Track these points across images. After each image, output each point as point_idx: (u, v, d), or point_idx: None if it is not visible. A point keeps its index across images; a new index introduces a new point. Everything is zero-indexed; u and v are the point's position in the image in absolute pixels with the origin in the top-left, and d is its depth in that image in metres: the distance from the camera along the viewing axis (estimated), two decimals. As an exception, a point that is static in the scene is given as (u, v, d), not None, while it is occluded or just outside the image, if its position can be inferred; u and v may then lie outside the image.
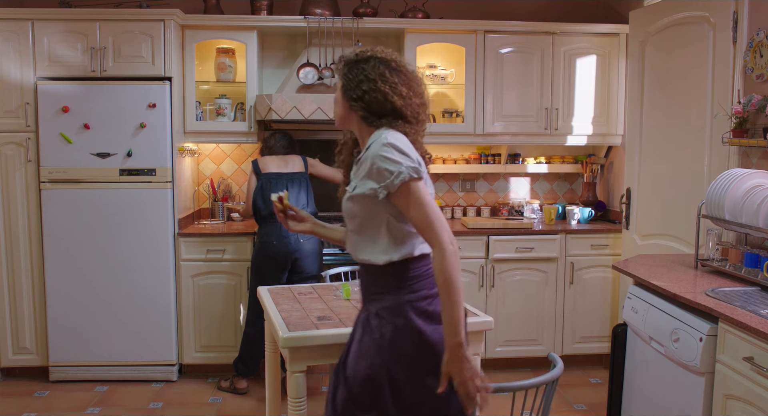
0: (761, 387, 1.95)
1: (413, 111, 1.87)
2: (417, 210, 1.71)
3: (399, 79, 1.86)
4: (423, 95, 1.92)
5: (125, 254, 3.78)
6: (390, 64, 1.89)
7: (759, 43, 2.84)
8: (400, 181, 1.71)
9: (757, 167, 2.85)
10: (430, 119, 1.97)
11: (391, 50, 1.96)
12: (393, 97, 1.84)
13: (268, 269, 3.57)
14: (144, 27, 3.74)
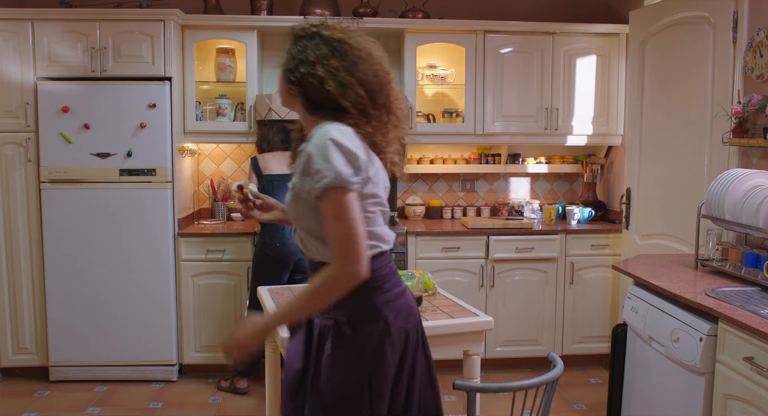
0: (761, 387, 1.95)
1: (355, 102, 1.61)
2: (331, 223, 1.53)
3: (343, 64, 1.61)
4: (374, 83, 1.64)
5: (125, 254, 3.78)
6: (335, 43, 1.62)
7: (759, 43, 2.84)
8: (323, 185, 1.50)
9: (757, 167, 2.85)
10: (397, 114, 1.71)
11: (347, 25, 1.69)
12: (329, 83, 1.59)
13: (269, 269, 3.57)
14: (144, 27, 3.74)
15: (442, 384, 4.11)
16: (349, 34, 1.65)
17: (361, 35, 1.68)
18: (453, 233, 3.98)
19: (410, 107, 4.09)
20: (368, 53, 1.65)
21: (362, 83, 1.62)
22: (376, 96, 1.64)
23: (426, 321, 2.35)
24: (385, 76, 1.67)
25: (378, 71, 1.65)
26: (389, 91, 1.68)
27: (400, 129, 1.74)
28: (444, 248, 3.97)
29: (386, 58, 1.70)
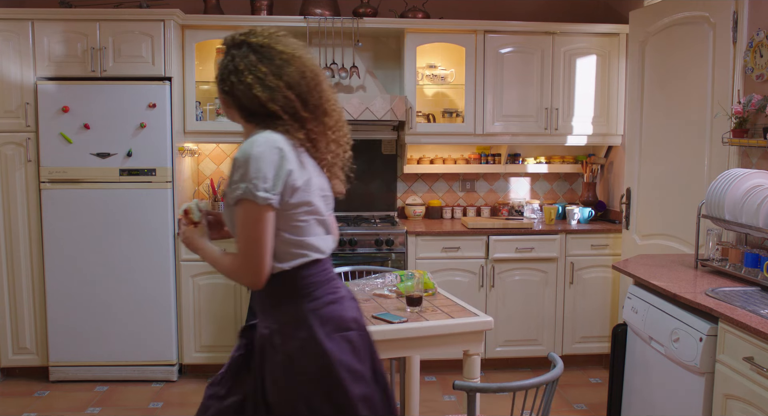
0: (761, 387, 1.95)
1: (285, 106, 1.63)
2: (239, 232, 1.61)
3: (270, 68, 1.64)
4: (303, 85, 1.66)
5: (125, 254, 3.78)
6: (261, 49, 1.65)
7: (759, 43, 2.84)
8: (236, 196, 1.57)
9: (757, 167, 2.85)
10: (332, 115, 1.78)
11: (274, 31, 1.72)
12: (257, 89, 1.62)
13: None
14: (144, 27, 3.74)
15: (443, 383, 4.13)
16: (276, 39, 1.68)
17: (287, 37, 1.71)
18: (453, 233, 3.98)
19: (410, 107, 4.09)
20: (295, 56, 1.68)
21: (291, 86, 1.65)
22: (306, 97, 1.67)
23: (426, 321, 2.36)
24: (314, 78, 1.69)
25: (306, 72, 1.68)
26: (321, 92, 1.71)
27: (339, 131, 1.79)
28: (444, 248, 3.97)
29: (315, 60, 1.75)
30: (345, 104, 3.89)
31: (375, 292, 2.71)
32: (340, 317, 1.68)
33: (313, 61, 1.74)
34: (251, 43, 1.67)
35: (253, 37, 1.68)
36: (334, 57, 4.05)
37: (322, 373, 1.64)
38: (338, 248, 3.87)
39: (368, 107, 3.91)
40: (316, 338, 1.63)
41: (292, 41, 1.72)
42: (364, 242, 3.91)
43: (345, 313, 1.70)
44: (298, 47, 1.72)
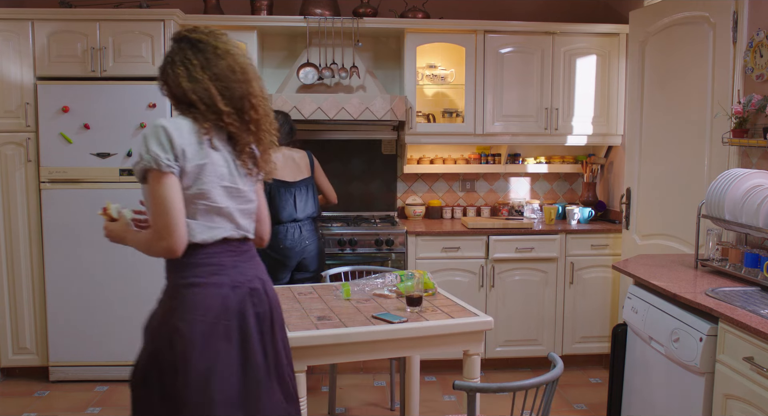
0: (761, 387, 1.95)
1: (203, 97, 1.76)
2: (150, 202, 1.75)
3: (200, 61, 1.78)
4: (229, 79, 1.78)
5: (125, 254, 3.77)
6: (198, 44, 1.80)
7: (759, 43, 2.84)
8: (140, 168, 1.72)
9: (757, 167, 2.85)
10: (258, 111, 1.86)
11: (216, 30, 1.85)
12: (183, 79, 1.77)
13: (274, 271, 3.57)
14: (144, 27, 3.74)
15: (443, 383, 4.13)
16: (214, 36, 1.83)
17: (224, 35, 1.86)
18: (453, 233, 3.98)
19: (410, 107, 4.09)
20: (228, 52, 1.81)
21: (216, 79, 1.78)
22: (228, 92, 1.79)
23: (426, 321, 2.36)
24: (242, 74, 1.81)
25: (235, 68, 1.80)
26: (247, 88, 1.82)
27: (262, 127, 1.88)
28: (444, 248, 3.97)
29: (249, 61, 1.86)
30: (345, 104, 3.89)
31: (375, 292, 2.71)
32: (193, 298, 1.79)
33: (246, 60, 1.85)
34: (190, 38, 1.82)
35: (193, 34, 1.82)
36: (334, 57, 4.05)
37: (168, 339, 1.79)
38: (338, 248, 3.88)
39: (368, 107, 3.91)
40: (174, 313, 1.78)
41: (230, 41, 1.86)
42: (364, 242, 3.91)
43: (206, 300, 1.79)
44: (232, 46, 1.84)
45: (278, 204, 3.53)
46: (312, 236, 3.59)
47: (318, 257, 3.64)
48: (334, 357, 2.31)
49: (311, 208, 3.62)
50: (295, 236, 3.53)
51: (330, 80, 4.04)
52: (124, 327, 3.81)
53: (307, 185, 3.62)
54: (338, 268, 3.33)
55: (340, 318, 2.39)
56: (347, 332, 2.25)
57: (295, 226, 3.55)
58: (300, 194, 3.58)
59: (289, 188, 3.56)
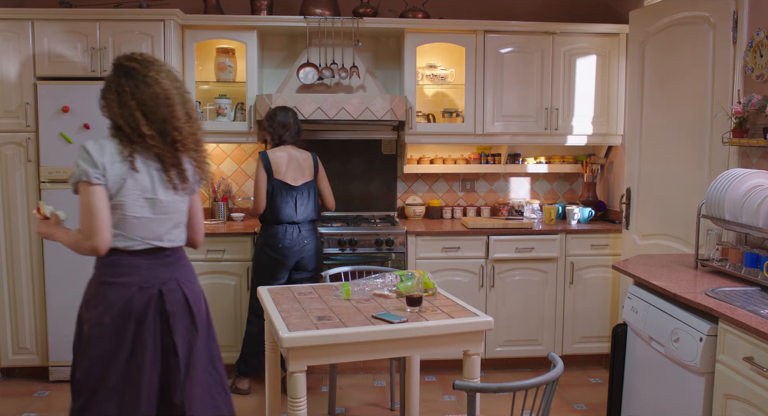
0: (761, 387, 1.95)
1: (129, 121, 2.03)
2: (80, 209, 2.01)
3: (130, 88, 2.05)
4: (152, 105, 2.04)
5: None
6: (131, 72, 2.07)
7: (759, 43, 2.84)
8: (72, 181, 2.02)
9: (757, 167, 2.85)
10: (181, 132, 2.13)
11: (151, 58, 2.13)
12: (114, 105, 2.05)
13: (273, 270, 3.57)
14: (144, 27, 3.74)
15: (443, 383, 4.13)
16: (146, 64, 2.10)
17: (157, 63, 2.12)
18: (453, 233, 3.98)
19: (410, 107, 4.09)
20: (155, 80, 2.06)
21: (142, 104, 2.04)
22: (153, 116, 2.05)
23: (426, 321, 2.36)
24: (166, 100, 2.06)
25: (159, 95, 2.05)
26: (171, 113, 2.08)
27: (187, 147, 2.14)
28: (444, 248, 3.97)
29: (176, 87, 2.12)
30: (345, 104, 3.89)
31: (375, 292, 2.71)
32: (101, 295, 2.09)
33: (173, 87, 2.10)
34: (124, 65, 2.10)
35: (128, 62, 2.11)
36: (334, 57, 4.05)
37: (81, 326, 2.12)
38: (338, 247, 3.88)
39: (368, 107, 3.91)
40: (86, 306, 2.11)
41: (164, 68, 2.12)
42: (364, 242, 3.91)
43: (111, 297, 2.07)
44: (165, 74, 2.10)
45: (278, 205, 3.53)
46: (310, 236, 3.60)
47: (316, 256, 3.64)
48: (334, 357, 2.31)
49: (311, 211, 3.63)
50: (293, 236, 3.53)
51: (330, 80, 4.04)
52: (124, 327, 3.80)
53: (309, 189, 3.62)
54: (338, 268, 3.33)
55: (340, 318, 2.39)
56: (347, 332, 2.25)
57: (293, 226, 3.56)
58: (301, 198, 3.58)
59: (291, 191, 3.56)
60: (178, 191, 2.16)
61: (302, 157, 3.63)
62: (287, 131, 3.62)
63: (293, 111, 3.70)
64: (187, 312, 2.13)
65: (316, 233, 3.67)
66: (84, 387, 2.05)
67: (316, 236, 3.66)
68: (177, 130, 2.10)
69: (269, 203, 3.56)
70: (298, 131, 3.68)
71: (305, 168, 3.63)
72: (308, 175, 3.64)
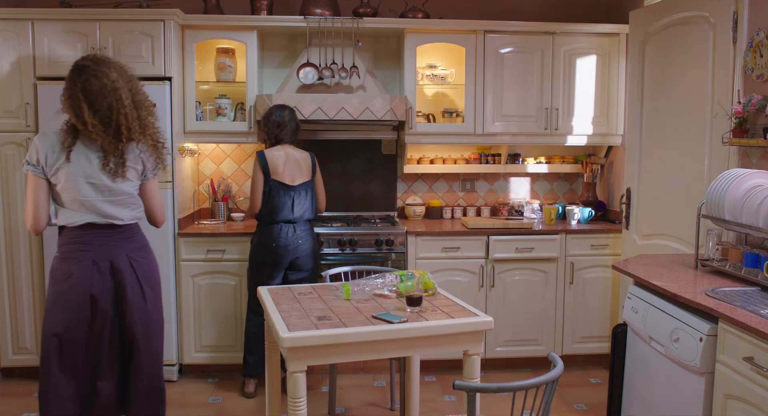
0: (761, 387, 1.95)
1: (76, 110, 2.34)
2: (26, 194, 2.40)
3: (80, 82, 2.33)
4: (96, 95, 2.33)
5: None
6: (81, 68, 2.35)
7: (759, 43, 2.84)
8: (24, 171, 2.40)
9: (757, 167, 2.85)
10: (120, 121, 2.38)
11: (103, 56, 2.43)
12: (64, 96, 2.37)
13: (268, 269, 3.57)
14: (144, 27, 3.74)
15: (443, 383, 4.13)
16: (98, 61, 2.36)
17: (108, 61, 2.39)
18: (453, 233, 3.98)
19: (410, 107, 4.09)
20: (104, 74, 2.33)
21: (88, 94, 2.32)
22: (98, 105, 2.33)
23: (426, 321, 2.36)
24: (113, 92, 2.33)
25: (107, 86, 2.33)
26: (118, 105, 2.35)
27: (131, 136, 2.40)
28: (444, 248, 3.97)
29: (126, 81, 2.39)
30: (345, 104, 3.89)
31: (375, 292, 2.71)
32: (61, 269, 2.43)
33: (120, 78, 2.37)
34: (78, 64, 2.37)
35: (81, 61, 2.38)
36: (334, 57, 4.05)
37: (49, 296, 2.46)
38: (338, 247, 3.88)
39: (368, 107, 3.91)
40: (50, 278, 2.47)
41: (114, 64, 2.39)
42: (364, 242, 3.91)
43: (64, 268, 2.42)
44: (114, 68, 2.37)
45: (275, 204, 3.53)
46: (306, 236, 3.60)
47: (312, 256, 3.64)
48: (334, 357, 2.31)
49: (308, 211, 3.63)
50: (288, 235, 3.53)
51: (330, 80, 4.04)
52: (124, 327, 3.80)
53: (306, 189, 3.62)
54: (338, 268, 3.33)
55: (340, 318, 2.39)
56: (347, 332, 2.25)
57: (289, 226, 3.56)
58: (299, 198, 3.58)
59: (288, 191, 3.56)
60: (117, 178, 2.42)
61: (300, 156, 3.63)
62: (283, 129, 3.61)
63: (290, 109, 3.69)
64: (136, 282, 2.48)
65: (312, 232, 3.67)
66: (49, 348, 2.41)
67: (313, 235, 3.66)
68: (123, 115, 2.36)
69: (266, 203, 3.56)
70: (296, 129, 3.67)
71: (303, 168, 3.62)
72: (306, 175, 3.63)
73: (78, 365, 2.44)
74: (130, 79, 2.42)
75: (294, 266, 3.61)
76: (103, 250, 2.43)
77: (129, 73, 2.44)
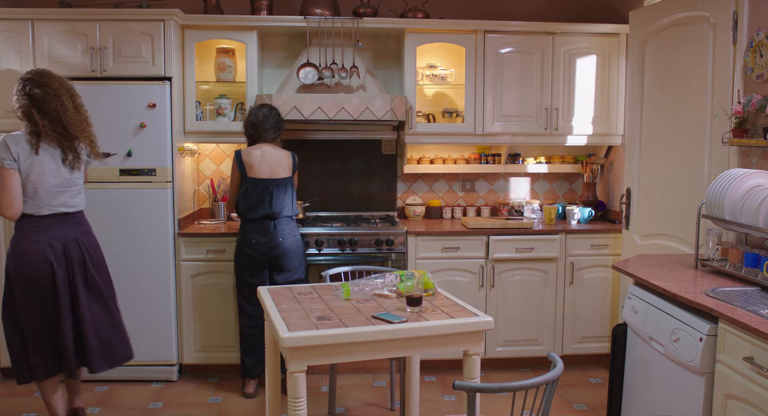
0: (761, 387, 1.95)
1: (25, 112, 2.84)
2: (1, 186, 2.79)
3: (26, 90, 2.83)
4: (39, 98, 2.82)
5: (125, 254, 3.78)
6: (26, 81, 2.84)
7: (759, 43, 2.84)
8: (7, 166, 2.78)
9: (757, 167, 2.85)
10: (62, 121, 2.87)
11: (44, 71, 2.91)
12: (13, 102, 2.86)
13: (249, 266, 3.57)
14: (144, 27, 3.74)
15: (443, 383, 4.12)
16: (38, 73, 2.88)
17: (49, 74, 2.89)
18: (453, 233, 3.98)
19: (410, 107, 4.09)
20: (46, 84, 2.83)
21: (36, 101, 2.83)
22: (46, 109, 2.83)
23: (426, 321, 2.36)
24: (55, 97, 2.83)
25: (50, 93, 2.82)
26: (60, 108, 2.84)
27: (74, 135, 2.90)
28: (444, 248, 3.97)
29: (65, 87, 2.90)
30: (345, 104, 3.89)
31: (375, 292, 2.71)
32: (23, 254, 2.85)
33: (61, 87, 2.87)
34: (24, 77, 2.87)
35: (27, 74, 2.88)
36: (334, 57, 4.05)
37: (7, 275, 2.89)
38: (338, 247, 3.88)
39: (368, 107, 3.91)
40: (9, 255, 2.88)
41: (54, 76, 2.90)
42: (364, 242, 3.91)
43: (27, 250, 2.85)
44: (54, 80, 2.87)
45: (253, 201, 3.52)
46: (289, 233, 3.58)
47: (295, 255, 3.61)
48: (334, 357, 2.31)
49: (288, 207, 3.60)
50: (268, 231, 3.54)
51: (330, 80, 4.04)
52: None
53: (285, 185, 3.60)
54: (338, 268, 3.33)
55: (340, 318, 2.39)
56: (347, 332, 2.25)
57: (269, 222, 3.54)
58: (278, 192, 3.56)
59: (265, 184, 3.54)
60: (74, 169, 2.93)
61: (280, 156, 3.61)
62: (257, 129, 3.59)
63: (271, 108, 3.66)
64: (82, 261, 2.95)
65: (296, 231, 3.65)
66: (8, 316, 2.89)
67: (295, 233, 3.64)
68: (67, 118, 2.86)
69: (245, 201, 3.55)
70: (275, 128, 3.63)
71: (284, 166, 3.61)
72: (287, 171, 3.62)
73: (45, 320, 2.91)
74: (69, 88, 2.92)
75: (276, 265, 3.59)
76: (57, 233, 2.89)
77: (68, 84, 2.92)
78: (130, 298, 3.80)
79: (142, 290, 3.80)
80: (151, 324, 3.82)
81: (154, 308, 3.82)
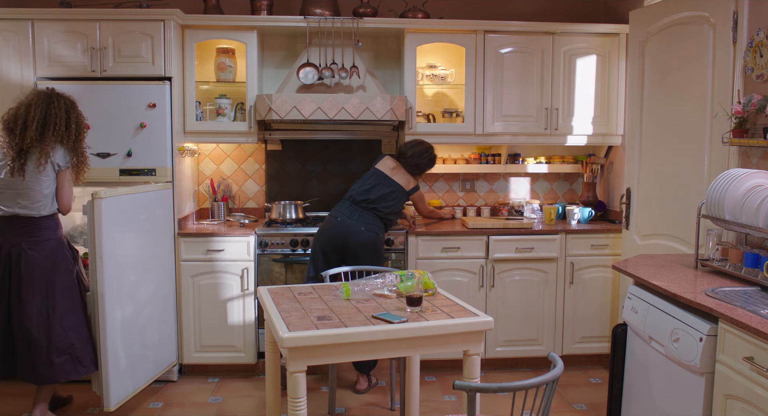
0: (761, 387, 1.95)
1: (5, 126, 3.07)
2: None
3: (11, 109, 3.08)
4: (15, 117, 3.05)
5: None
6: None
7: (759, 43, 2.85)
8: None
9: (757, 167, 2.85)
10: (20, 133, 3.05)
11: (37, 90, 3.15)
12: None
13: (318, 241, 3.64)
14: (144, 27, 3.74)
15: (443, 383, 4.12)
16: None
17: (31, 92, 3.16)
18: (453, 233, 3.98)
19: (410, 107, 4.09)
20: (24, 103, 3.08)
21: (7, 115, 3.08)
22: (15, 124, 3.05)
23: (426, 321, 2.36)
24: (26, 113, 3.04)
25: (21, 109, 3.06)
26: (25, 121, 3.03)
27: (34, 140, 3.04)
28: (444, 248, 3.97)
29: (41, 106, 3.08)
30: (345, 104, 3.89)
31: (375, 292, 2.71)
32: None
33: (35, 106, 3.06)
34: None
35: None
36: (334, 57, 4.05)
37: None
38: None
39: (368, 107, 3.91)
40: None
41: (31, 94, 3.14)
42: (364, 242, 3.91)
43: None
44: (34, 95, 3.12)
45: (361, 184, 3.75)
46: (364, 223, 3.60)
47: (366, 247, 3.58)
48: (334, 357, 2.31)
49: (372, 199, 3.66)
50: (344, 212, 3.66)
51: (330, 80, 4.04)
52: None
53: (389, 185, 3.71)
54: (338, 268, 3.33)
55: (340, 318, 2.39)
56: (347, 332, 2.25)
57: (350, 205, 3.69)
58: (373, 183, 3.70)
59: (373, 175, 3.73)
60: (16, 177, 3.02)
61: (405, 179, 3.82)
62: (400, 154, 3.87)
63: (428, 148, 3.85)
64: (29, 263, 3.04)
65: (376, 227, 3.68)
66: None
67: (375, 229, 3.67)
68: (28, 129, 3.01)
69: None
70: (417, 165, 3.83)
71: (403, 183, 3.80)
72: (403, 184, 3.79)
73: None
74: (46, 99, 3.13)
75: (349, 252, 3.63)
76: (2, 239, 3.08)
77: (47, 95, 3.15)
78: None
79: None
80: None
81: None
